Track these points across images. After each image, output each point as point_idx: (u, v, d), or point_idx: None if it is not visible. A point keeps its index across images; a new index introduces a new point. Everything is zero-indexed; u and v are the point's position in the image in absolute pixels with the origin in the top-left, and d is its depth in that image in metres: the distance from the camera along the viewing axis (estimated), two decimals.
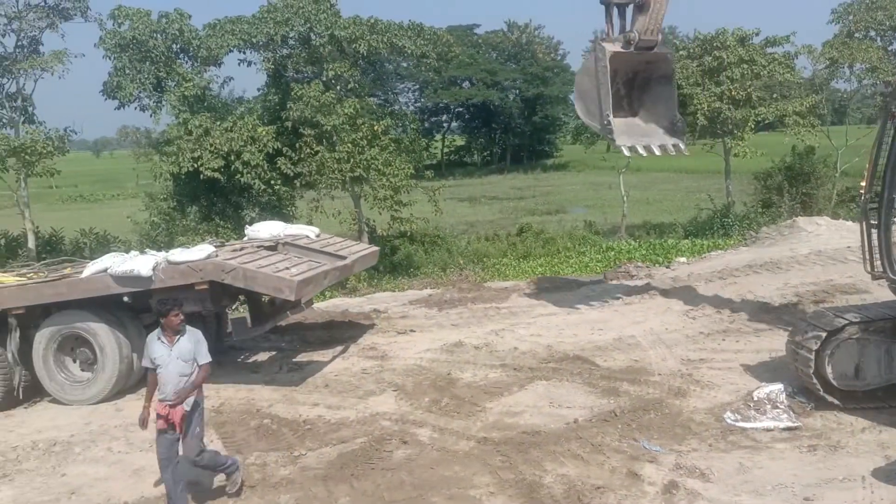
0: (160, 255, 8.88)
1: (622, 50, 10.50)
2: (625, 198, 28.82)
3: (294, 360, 10.40)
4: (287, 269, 8.86)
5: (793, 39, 26.83)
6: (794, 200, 25.51)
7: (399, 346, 10.56)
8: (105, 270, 8.74)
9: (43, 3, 23.75)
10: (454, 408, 8.07)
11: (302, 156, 22.18)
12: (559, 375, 8.88)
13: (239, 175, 21.89)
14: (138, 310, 9.18)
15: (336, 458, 7.02)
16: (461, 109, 78.40)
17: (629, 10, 10.74)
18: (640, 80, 11.25)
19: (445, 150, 79.91)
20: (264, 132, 22.31)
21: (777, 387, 7.74)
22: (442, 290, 15.35)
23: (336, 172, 21.78)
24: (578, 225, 29.69)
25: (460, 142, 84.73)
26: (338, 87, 23.64)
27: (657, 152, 11.00)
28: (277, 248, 10.14)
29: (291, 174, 22.42)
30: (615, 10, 10.87)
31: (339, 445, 7.28)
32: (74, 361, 9.17)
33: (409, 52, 24.77)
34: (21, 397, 9.22)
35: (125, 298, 8.79)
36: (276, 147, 22.36)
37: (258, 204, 23.38)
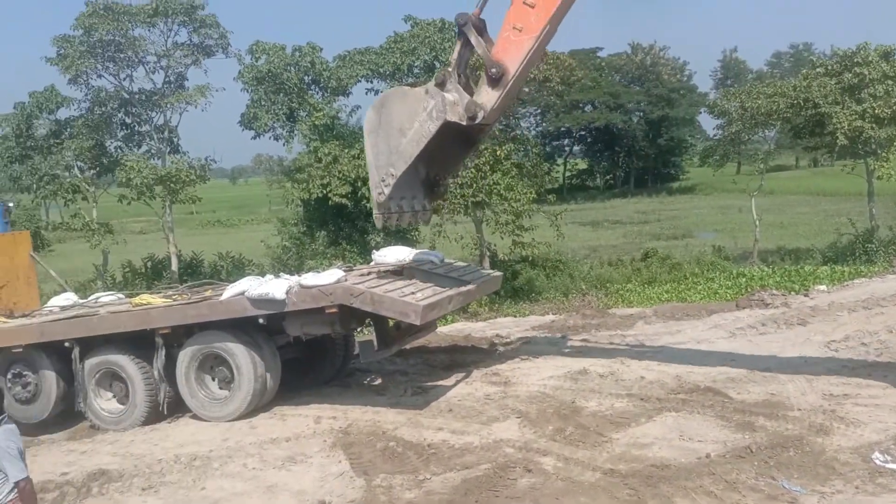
0: (293, 279, 9.21)
1: (458, 121, 8.55)
2: (757, 221, 27.63)
3: (418, 383, 10.52)
4: (412, 293, 8.98)
5: None
6: None
7: (522, 373, 10.49)
8: (242, 293, 9.16)
9: (188, 42, 25.49)
10: (579, 437, 7.91)
11: None
12: (689, 407, 8.56)
13: (365, 201, 22.53)
14: (272, 331, 9.57)
15: (460, 484, 7.02)
16: (583, 133, 77.83)
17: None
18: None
19: (567, 173, 79.36)
20: None
21: None
22: (565, 316, 15.17)
23: (458, 197, 22.02)
24: (707, 250, 28.66)
25: (583, 165, 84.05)
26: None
27: (409, 222, 9.73)
28: (403, 273, 10.32)
29: None
30: (464, 39, 8.81)
31: (464, 471, 7.28)
32: (213, 379, 9.62)
33: (532, 76, 24.86)
34: (165, 413, 9.78)
35: (260, 320, 9.16)
36: None
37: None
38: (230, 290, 9.40)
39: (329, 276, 9.06)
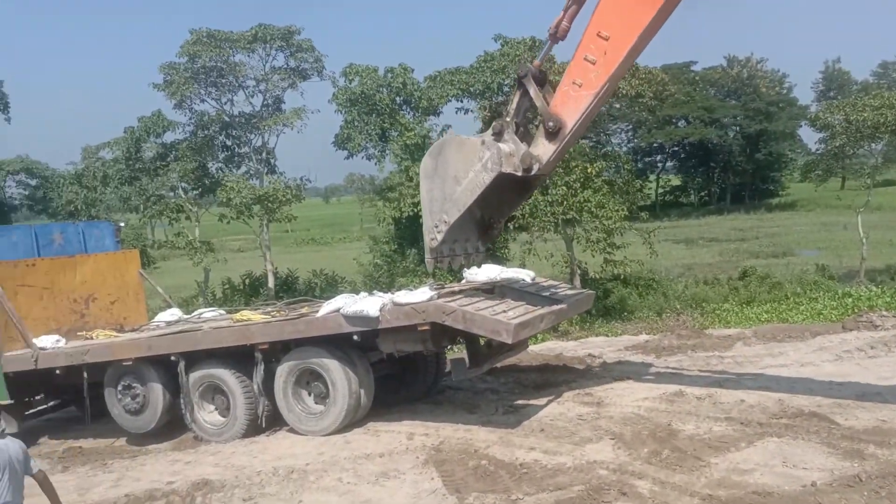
0: (386, 297, 9.36)
1: (513, 172, 8.63)
2: (864, 239, 26.36)
3: (509, 402, 10.49)
4: (504, 312, 9.00)
5: None
6: None
7: (615, 393, 10.32)
8: (338, 310, 9.36)
9: (285, 66, 26.38)
10: (676, 461, 7.71)
11: None
12: (793, 432, 8.22)
13: None
14: (366, 348, 9.73)
15: None
16: (677, 148, 76.28)
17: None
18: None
19: (660, 190, 77.85)
20: None
21: None
22: (659, 337, 14.85)
23: (549, 215, 21.90)
24: (809, 269, 27.52)
25: (676, 182, 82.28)
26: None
27: (461, 265, 9.66)
28: (494, 291, 10.33)
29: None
30: (523, 90, 8.96)
31: (556, 492, 7.20)
32: (309, 395, 9.85)
33: (623, 92, 24.56)
34: (264, 426, 10.06)
35: (355, 337, 9.33)
36: None
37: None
38: (326, 308, 9.62)
39: (422, 293, 9.17)
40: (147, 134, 26.01)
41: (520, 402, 10.44)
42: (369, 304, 9.11)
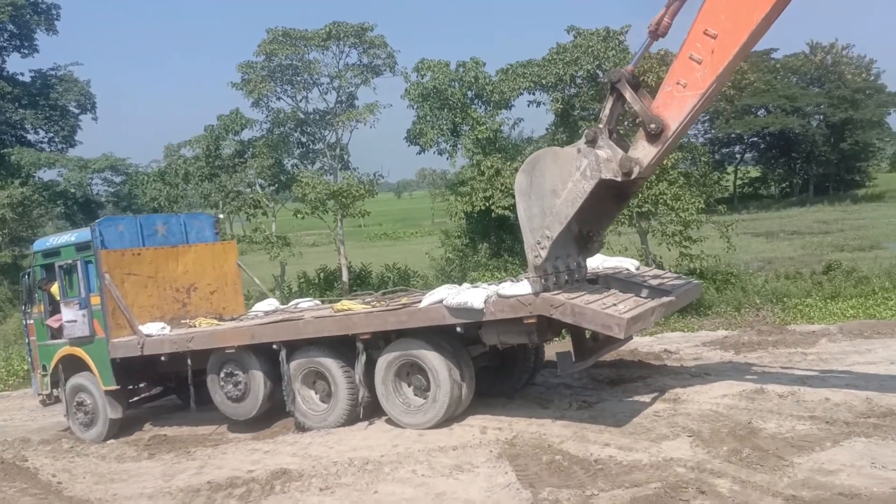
0: (491, 289, 9.15)
1: (613, 178, 8.42)
2: None
3: (583, 397, 10.39)
4: (614, 305, 8.66)
5: None
6: None
7: (693, 390, 10.11)
8: (440, 301, 9.22)
9: (358, 63, 26.67)
10: (757, 460, 7.51)
11: None
12: (882, 433, 7.90)
13: None
14: (467, 340, 9.66)
15: (629, 502, 6.85)
16: (756, 139, 73.94)
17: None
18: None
19: (739, 182, 75.72)
20: None
21: None
22: (738, 332, 14.48)
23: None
24: None
25: (755, 173, 79.87)
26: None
27: (566, 282, 9.15)
28: (598, 282, 10.07)
29: None
30: (616, 94, 8.78)
31: (632, 489, 7.11)
32: (409, 386, 9.82)
33: None
34: (361, 416, 10.12)
35: (458, 329, 9.21)
36: None
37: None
38: (428, 299, 9.52)
39: (525, 286, 8.85)
40: (226, 132, 26.59)
41: (594, 398, 10.34)
42: (473, 295, 8.93)
